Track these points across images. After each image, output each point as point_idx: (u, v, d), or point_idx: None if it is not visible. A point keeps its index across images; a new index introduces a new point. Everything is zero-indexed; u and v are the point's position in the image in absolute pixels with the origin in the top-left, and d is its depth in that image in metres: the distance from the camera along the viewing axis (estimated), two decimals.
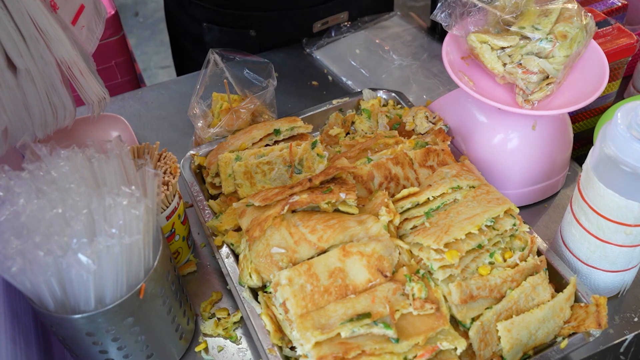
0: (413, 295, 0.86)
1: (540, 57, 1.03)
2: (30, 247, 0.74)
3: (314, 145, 1.10)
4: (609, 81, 1.17)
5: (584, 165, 0.92)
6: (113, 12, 1.82)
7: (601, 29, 1.25)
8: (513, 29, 1.04)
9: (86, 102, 1.00)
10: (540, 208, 1.18)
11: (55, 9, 0.95)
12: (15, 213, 0.76)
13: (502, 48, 1.05)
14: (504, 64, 1.05)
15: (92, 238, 0.76)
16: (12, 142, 0.95)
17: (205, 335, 1.00)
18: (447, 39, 1.14)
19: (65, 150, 0.84)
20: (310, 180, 0.99)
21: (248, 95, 1.21)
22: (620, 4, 1.40)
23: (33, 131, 0.95)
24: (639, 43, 1.26)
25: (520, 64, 1.04)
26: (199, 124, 1.19)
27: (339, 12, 1.60)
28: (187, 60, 1.71)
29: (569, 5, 1.05)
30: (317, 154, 1.09)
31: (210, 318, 1.02)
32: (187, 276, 1.08)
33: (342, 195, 0.93)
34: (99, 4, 1.08)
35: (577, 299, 0.94)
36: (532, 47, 1.03)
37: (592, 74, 1.08)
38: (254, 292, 0.95)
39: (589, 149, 1.26)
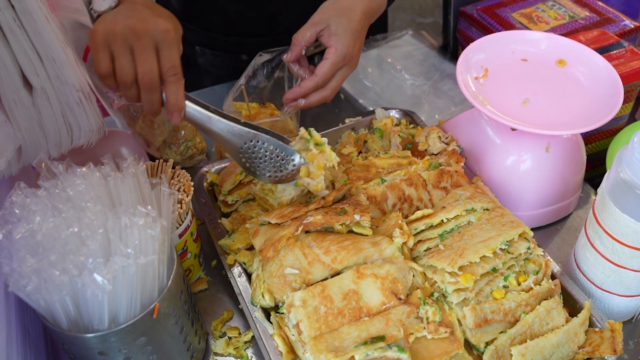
0: (427, 318, 0.86)
1: None
2: (46, 265, 0.73)
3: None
4: (622, 103, 1.17)
5: (599, 190, 0.92)
6: None
7: (614, 52, 1.26)
8: None
9: (81, 128, 0.99)
10: (552, 230, 1.18)
11: None
12: (31, 231, 0.76)
13: None
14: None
15: (107, 258, 0.75)
16: (25, 161, 0.95)
17: (216, 354, 0.99)
18: (461, 58, 1.14)
19: (81, 168, 0.85)
20: (323, 198, 0.99)
21: (267, 106, 1.21)
22: (632, 26, 1.41)
23: (47, 150, 0.96)
24: None
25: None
26: None
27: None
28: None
29: None
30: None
31: (221, 337, 1.01)
32: (198, 294, 1.08)
33: (357, 217, 0.93)
34: None
35: (591, 324, 0.93)
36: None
37: (606, 95, 1.08)
38: (266, 312, 0.95)
39: (602, 170, 1.26)
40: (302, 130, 1.03)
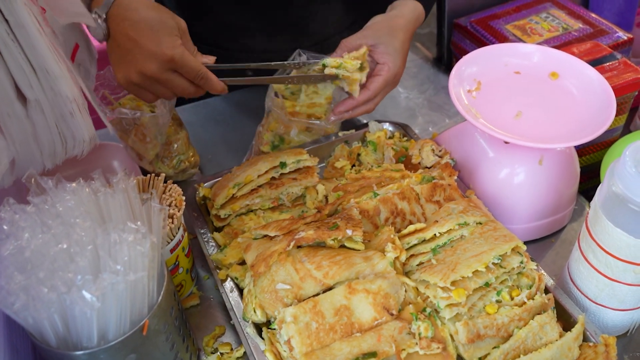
0: (419, 334, 0.85)
1: None
2: (34, 282, 0.73)
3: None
4: (616, 115, 1.17)
5: (592, 203, 0.91)
6: None
7: (607, 64, 1.26)
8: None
9: (76, 139, 0.99)
10: (546, 243, 1.17)
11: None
12: (19, 248, 0.76)
13: None
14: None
15: (96, 274, 0.75)
16: (19, 173, 0.94)
17: None
18: (453, 71, 1.14)
19: (71, 183, 0.84)
20: (319, 211, 0.99)
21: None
22: (626, 38, 1.41)
23: (42, 162, 0.95)
24: None
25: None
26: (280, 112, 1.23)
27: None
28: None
29: None
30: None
31: (212, 353, 1.00)
32: (190, 309, 1.07)
33: (349, 232, 0.92)
34: (90, 45, 1.09)
35: (585, 338, 0.93)
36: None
37: (599, 107, 1.08)
38: (258, 327, 0.94)
39: (596, 182, 1.26)
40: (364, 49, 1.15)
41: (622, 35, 1.41)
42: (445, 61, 1.65)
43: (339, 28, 1.51)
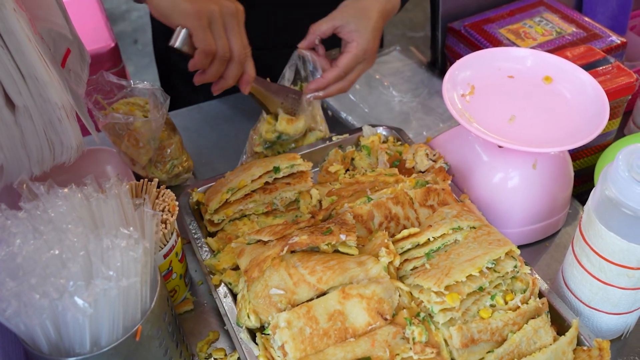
0: (413, 339, 0.85)
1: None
2: (26, 289, 0.73)
3: None
4: (609, 119, 1.18)
5: (585, 207, 0.91)
6: (113, 45, 1.83)
7: (601, 68, 1.26)
8: None
9: (64, 145, 0.98)
10: (541, 247, 1.18)
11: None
12: (11, 254, 0.76)
13: None
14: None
15: (89, 280, 0.75)
16: (7, 180, 0.94)
17: None
18: (447, 76, 1.14)
19: (63, 189, 0.84)
20: (313, 216, 0.98)
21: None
22: (619, 42, 1.41)
23: (30, 168, 0.95)
24: (639, 81, 1.26)
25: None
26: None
27: (329, 50, 1.60)
28: (175, 97, 1.69)
29: None
30: None
31: (206, 358, 1.00)
32: (183, 315, 1.07)
33: (343, 237, 0.92)
34: (83, 50, 1.08)
35: (579, 342, 0.93)
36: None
37: (593, 111, 1.08)
38: (252, 332, 0.94)
39: (590, 186, 1.26)
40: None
41: (616, 39, 1.42)
42: (439, 65, 1.65)
43: None
